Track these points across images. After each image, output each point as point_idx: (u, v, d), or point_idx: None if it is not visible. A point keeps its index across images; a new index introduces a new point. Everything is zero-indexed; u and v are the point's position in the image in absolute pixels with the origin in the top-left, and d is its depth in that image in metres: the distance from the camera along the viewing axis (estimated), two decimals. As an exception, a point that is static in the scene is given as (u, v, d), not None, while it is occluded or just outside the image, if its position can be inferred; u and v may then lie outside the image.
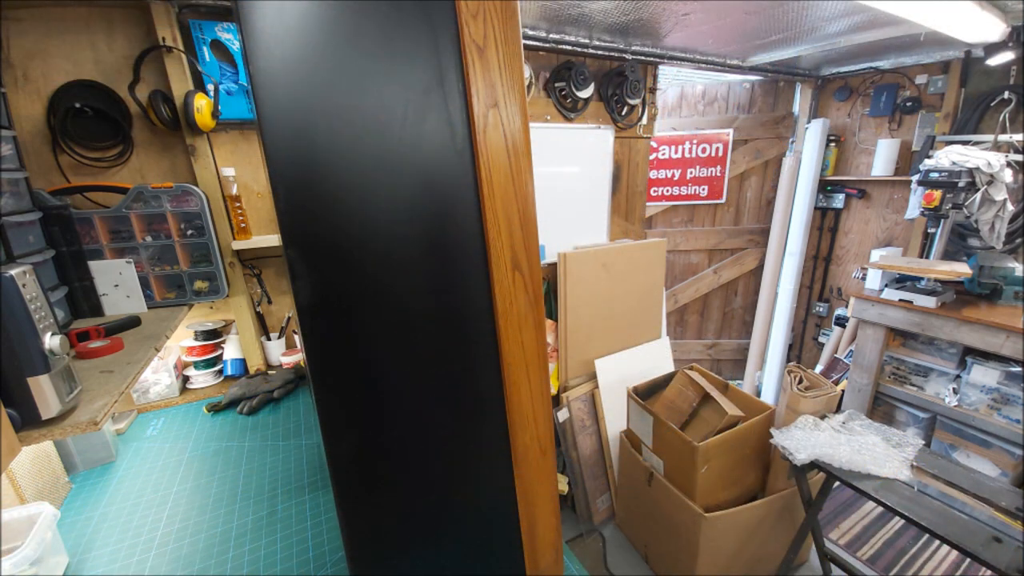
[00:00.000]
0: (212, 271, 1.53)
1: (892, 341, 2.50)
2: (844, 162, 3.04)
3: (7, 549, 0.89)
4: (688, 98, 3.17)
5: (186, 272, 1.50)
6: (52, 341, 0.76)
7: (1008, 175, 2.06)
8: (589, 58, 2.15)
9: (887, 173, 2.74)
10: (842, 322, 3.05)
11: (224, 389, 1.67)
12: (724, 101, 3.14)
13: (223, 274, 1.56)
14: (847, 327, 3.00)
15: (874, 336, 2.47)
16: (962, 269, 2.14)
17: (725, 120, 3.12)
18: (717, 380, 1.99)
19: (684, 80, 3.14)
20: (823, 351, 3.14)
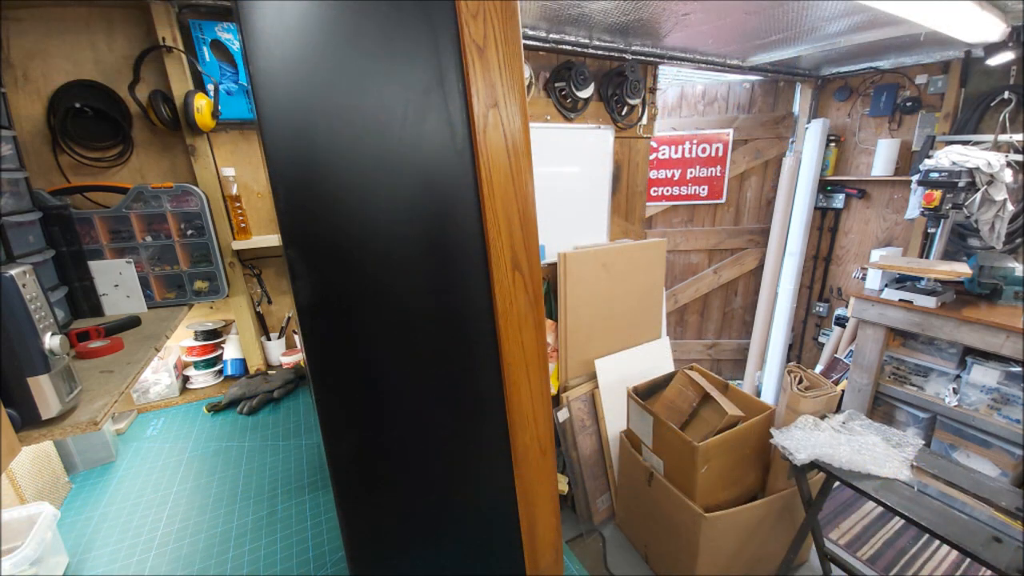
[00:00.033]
0: (212, 271, 1.53)
1: (892, 341, 2.50)
2: (844, 162, 3.04)
3: (7, 549, 0.89)
4: (688, 98, 3.17)
5: (186, 272, 1.50)
6: (52, 341, 0.76)
7: (1008, 175, 2.06)
8: (589, 58, 2.15)
9: (887, 173, 2.74)
10: (842, 322, 3.05)
11: (224, 389, 1.67)
12: (724, 101, 3.14)
13: (223, 274, 1.56)
14: (847, 327, 3.00)
15: (874, 336, 2.47)
16: (962, 269, 2.14)
17: (725, 120, 3.12)
18: (717, 380, 1.99)
19: (684, 80, 3.14)
20: (823, 351, 3.14)
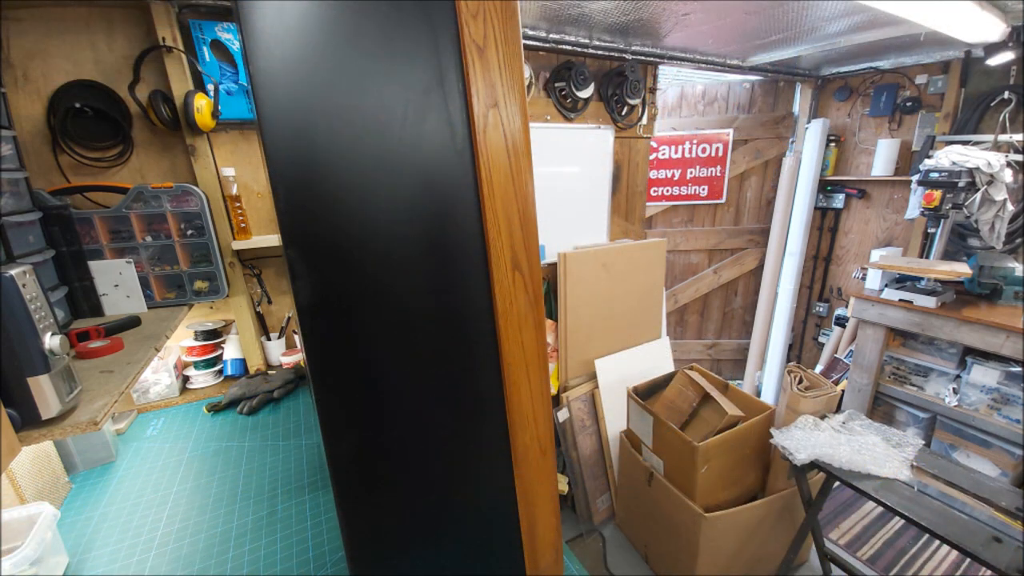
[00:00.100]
0: (212, 271, 1.53)
1: (892, 341, 2.50)
2: (844, 162, 3.04)
3: (7, 549, 0.89)
4: (688, 98, 3.17)
5: (186, 272, 1.50)
6: (52, 341, 0.76)
7: (1008, 175, 2.06)
8: (589, 58, 2.15)
9: (887, 173, 2.74)
10: (842, 322, 3.05)
11: (224, 389, 1.67)
12: (724, 101, 3.14)
13: (223, 274, 1.56)
14: (847, 327, 3.00)
15: (874, 336, 2.47)
16: (962, 269, 2.14)
17: (725, 120, 3.12)
18: (717, 380, 1.99)
19: (684, 80, 3.14)
20: (823, 351, 3.14)
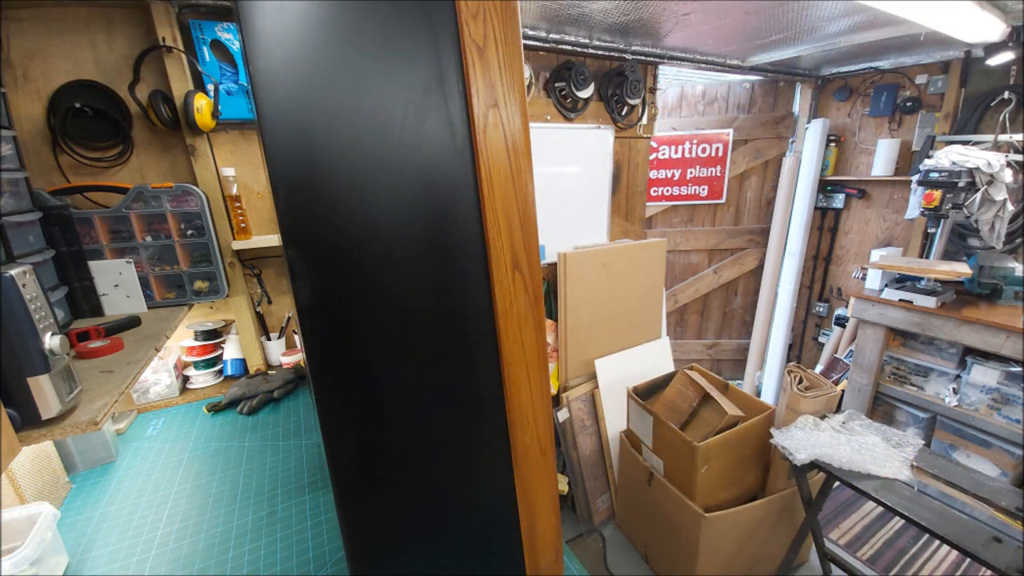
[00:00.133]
0: (212, 271, 1.53)
1: (892, 341, 2.50)
2: (844, 162, 3.04)
3: (7, 549, 0.89)
4: (688, 98, 3.17)
5: (186, 272, 1.50)
6: (52, 341, 0.76)
7: (1008, 175, 2.06)
8: (589, 58, 2.15)
9: (887, 173, 2.74)
10: (842, 322, 3.05)
11: (224, 389, 1.67)
12: (724, 101, 3.14)
13: (223, 274, 1.56)
14: (847, 327, 3.00)
15: (874, 336, 2.47)
16: (962, 269, 2.14)
17: (725, 120, 3.12)
18: (717, 380, 1.99)
19: (684, 80, 3.14)
20: (823, 351, 3.14)
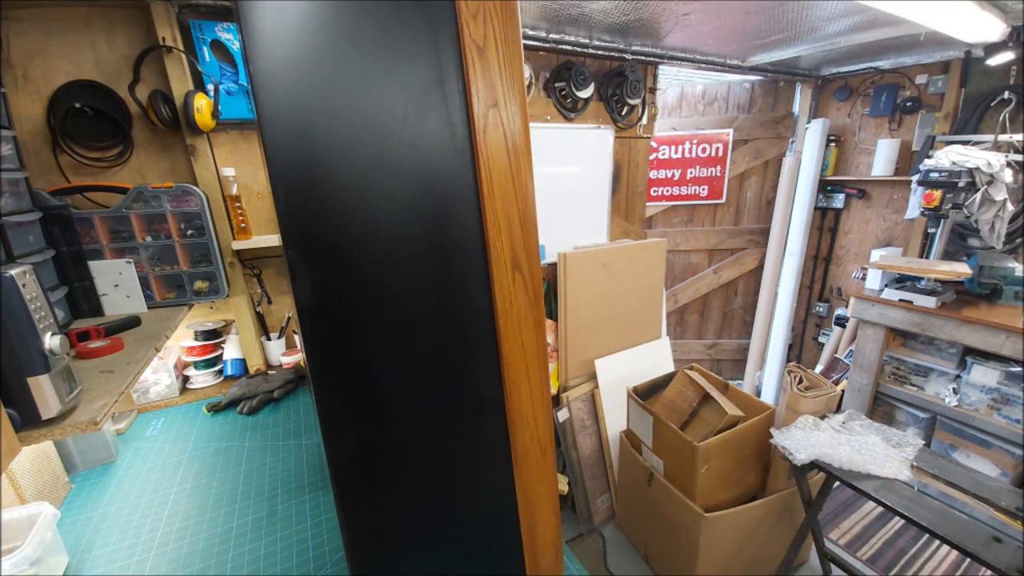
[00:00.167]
0: (212, 271, 1.53)
1: (892, 341, 2.50)
2: (844, 162, 3.04)
3: (7, 549, 0.89)
4: (688, 98, 3.17)
5: (186, 272, 1.50)
6: (52, 341, 0.76)
7: (1008, 175, 2.06)
8: (589, 58, 2.15)
9: (887, 173, 2.74)
10: (842, 322, 3.05)
11: (224, 389, 1.67)
12: (724, 101, 3.14)
13: (223, 274, 1.56)
14: (847, 327, 2.99)
15: (874, 336, 2.47)
16: (962, 269, 2.14)
17: (725, 120, 3.12)
18: (717, 380, 1.99)
19: (684, 80, 3.14)
20: (823, 351, 3.14)
